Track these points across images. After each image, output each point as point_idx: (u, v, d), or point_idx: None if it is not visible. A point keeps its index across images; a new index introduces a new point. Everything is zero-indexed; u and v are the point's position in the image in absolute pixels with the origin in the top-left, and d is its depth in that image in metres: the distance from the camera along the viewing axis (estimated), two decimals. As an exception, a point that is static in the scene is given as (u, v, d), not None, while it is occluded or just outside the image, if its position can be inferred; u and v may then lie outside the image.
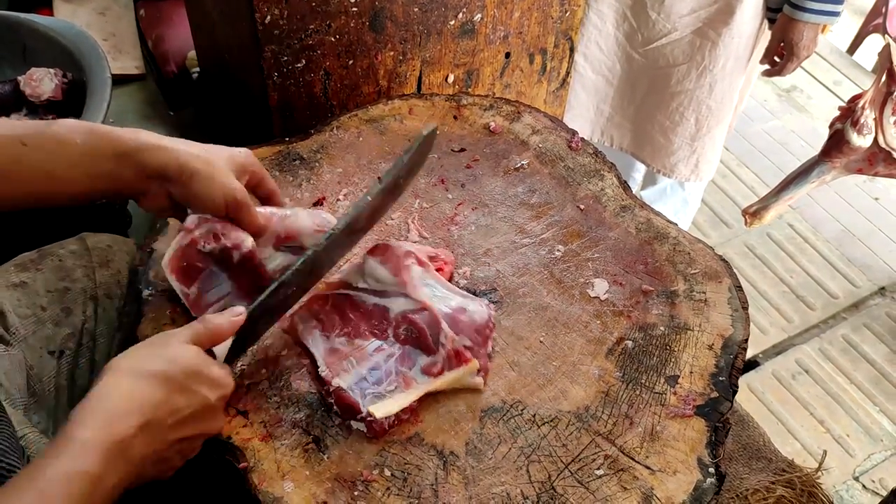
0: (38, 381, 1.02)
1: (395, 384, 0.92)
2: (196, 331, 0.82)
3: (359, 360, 0.94)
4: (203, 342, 0.82)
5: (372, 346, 0.95)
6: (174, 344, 0.79)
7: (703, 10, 1.77)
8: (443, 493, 0.86)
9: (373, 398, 0.90)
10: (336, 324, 0.98)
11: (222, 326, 0.83)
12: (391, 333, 0.96)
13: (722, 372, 0.97)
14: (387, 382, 0.92)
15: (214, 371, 0.80)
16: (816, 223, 2.64)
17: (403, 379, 0.92)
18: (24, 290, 1.04)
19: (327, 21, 1.29)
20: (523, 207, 1.18)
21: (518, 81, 1.59)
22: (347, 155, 1.23)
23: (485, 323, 0.98)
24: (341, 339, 0.96)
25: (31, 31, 1.63)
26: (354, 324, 0.97)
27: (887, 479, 1.97)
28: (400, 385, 0.92)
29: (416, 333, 0.95)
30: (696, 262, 1.10)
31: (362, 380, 0.92)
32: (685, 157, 2.01)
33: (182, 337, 0.80)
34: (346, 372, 0.92)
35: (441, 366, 0.93)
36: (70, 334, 1.06)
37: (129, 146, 0.86)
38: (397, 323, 0.96)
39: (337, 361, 0.93)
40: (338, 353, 0.94)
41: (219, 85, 1.75)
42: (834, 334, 2.32)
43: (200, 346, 0.81)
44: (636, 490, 0.86)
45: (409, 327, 0.95)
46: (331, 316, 0.98)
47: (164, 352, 0.78)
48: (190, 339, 0.80)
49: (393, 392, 0.91)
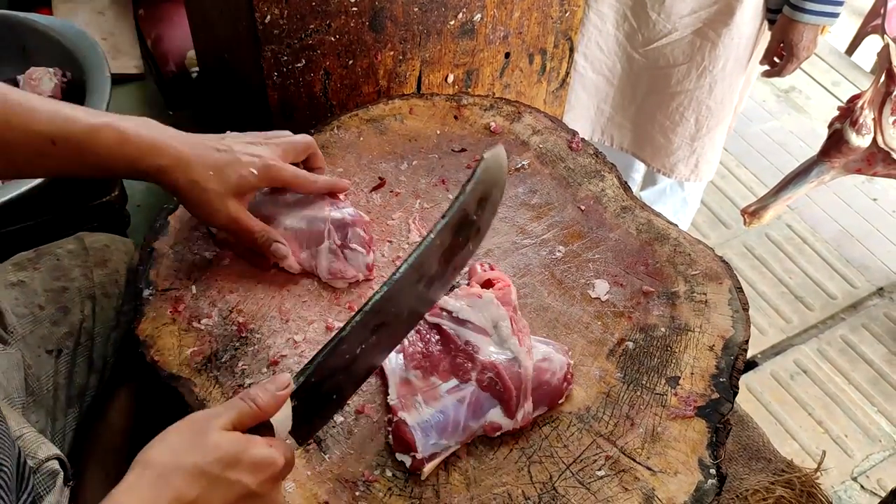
0: (36, 380, 1.01)
1: (455, 442, 0.88)
2: (238, 411, 0.72)
3: (428, 400, 0.89)
4: (246, 423, 0.73)
5: (445, 387, 0.91)
6: (212, 431, 0.70)
7: (703, 11, 1.77)
8: (444, 494, 0.86)
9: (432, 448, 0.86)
10: (418, 354, 0.94)
11: (267, 403, 0.74)
12: (474, 377, 0.91)
13: (723, 373, 0.97)
14: (450, 434, 0.87)
15: (256, 454, 0.71)
16: (815, 224, 2.65)
17: (467, 434, 0.89)
18: (21, 289, 1.04)
19: (327, 21, 1.29)
20: (524, 208, 1.18)
21: (518, 81, 1.59)
22: (348, 155, 1.22)
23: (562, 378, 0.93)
24: (417, 371, 0.92)
25: (31, 31, 1.63)
26: (436, 359, 0.93)
27: (885, 480, 1.97)
28: (458, 444, 0.89)
29: (500, 388, 0.90)
30: (697, 263, 1.10)
31: (426, 421, 0.88)
32: (685, 157, 2.01)
33: (221, 422, 0.71)
34: (413, 408, 0.89)
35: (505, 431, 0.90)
36: (68, 333, 1.06)
37: (146, 166, 0.91)
38: (484, 368, 0.91)
39: (408, 394, 0.90)
40: (410, 385, 0.91)
41: (218, 85, 1.74)
42: (832, 335, 2.33)
43: (243, 427, 0.72)
44: (637, 491, 0.86)
45: (495, 379, 0.90)
46: (415, 344, 0.94)
47: (199, 441, 0.70)
48: (230, 424, 0.71)
49: (450, 449, 0.88)
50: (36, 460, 0.84)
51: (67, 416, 1.06)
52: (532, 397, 0.90)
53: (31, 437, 0.88)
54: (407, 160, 1.23)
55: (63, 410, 1.05)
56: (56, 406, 1.04)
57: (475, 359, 0.91)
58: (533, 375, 0.90)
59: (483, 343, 0.93)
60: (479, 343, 0.93)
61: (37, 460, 0.84)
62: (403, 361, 0.93)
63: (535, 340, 0.95)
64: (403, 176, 1.21)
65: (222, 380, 0.94)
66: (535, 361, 0.92)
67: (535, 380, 0.91)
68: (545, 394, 0.91)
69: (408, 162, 1.23)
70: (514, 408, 0.89)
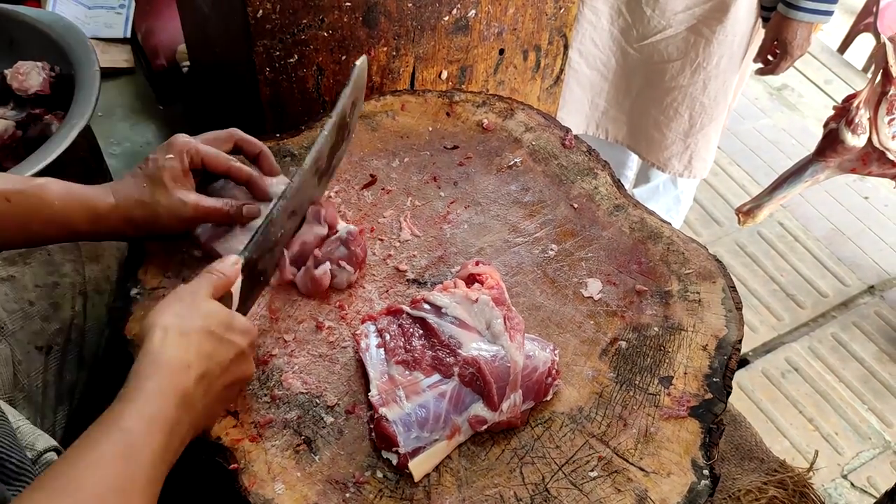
0: (26, 376, 1.01)
1: (439, 435, 0.87)
2: (212, 282, 0.85)
3: (409, 394, 0.89)
4: (219, 292, 0.85)
5: (427, 381, 0.91)
6: (201, 300, 0.83)
7: (697, 8, 1.77)
8: (435, 495, 0.85)
9: (414, 442, 0.86)
10: (399, 348, 0.94)
11: (230, 273, 0.87)
12: (456, 372, 0.90)
13: (716, 373, 0.97)
14: (431, 427, 0.87)
15: (239, 321, 0.85)
16: (807, 222, 2.65)
17: (450, 427, 0.88)
18: (11, 284, 1.03)
19: (320, 16, 1.28)
20: (516, 206, 1.17)
21: (512, 78, 1.58)
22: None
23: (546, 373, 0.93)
24: (399, 367, 0.92)
25: (19, 24, 1.61)
26: (419, 354, 0.93)
27: (875, 478, 1.98)
28: (442, 437, 0.87)
29: (480, 382, 0.89)
30: (690, 261, 1.09)
31: (408, 416, 0.87)
32: (678, 152, 2.01)
33: (206, 292, 0.84)
34: (395, 403, 0.89)
35: (491, 426, 0.90)
36: (58, 329, 1.05)
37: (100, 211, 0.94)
38: (466, 363, 0.90)
39: (390, 389, 0.90)
40: (392, 381, 0.91)
41: (209, 79, 1.73)
42: (823, 333, 2.33)
43: (217, 296, 0.85)
44: (630, 492, 0.86)
45: (477, 374, 0.90)
46: (397, 338, 0.95)
47: (197, 307, 0.82)
48: (211, 293, 0.84)
49: (435, 443, 0.87)
50: (35, 452, 0.83)
51: (58, 413, 1.05)
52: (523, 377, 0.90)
53: (28, 430, 0.88)
54: (398, 157, 1.22)
55: (52, 407, 1.04)
56: (45, 403, 1.03)
57: (457, 354, 0.91)
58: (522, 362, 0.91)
59: (466, 338, 0.93)
60: (463, 338, 0.93)
61: (35, 452, 0.84)
62: (385, 356, 0.93)
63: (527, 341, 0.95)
64: (395, 173, 1.20)
65: (212, 379, 0.93)
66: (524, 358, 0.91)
67: None
68: (529, 388, 0.91)
69: (399, 159, 1.22)
70: (497, 401, 0.88)
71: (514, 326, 0.94)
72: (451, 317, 0.95)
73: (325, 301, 1.03)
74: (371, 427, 0.89)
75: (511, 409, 0.89)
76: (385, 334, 0.95)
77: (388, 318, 0.97)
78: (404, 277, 1.06)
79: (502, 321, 0.93)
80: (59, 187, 0.93)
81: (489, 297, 0.95)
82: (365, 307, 1.02)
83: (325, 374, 0.95)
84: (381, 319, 0.97)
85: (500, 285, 0.99)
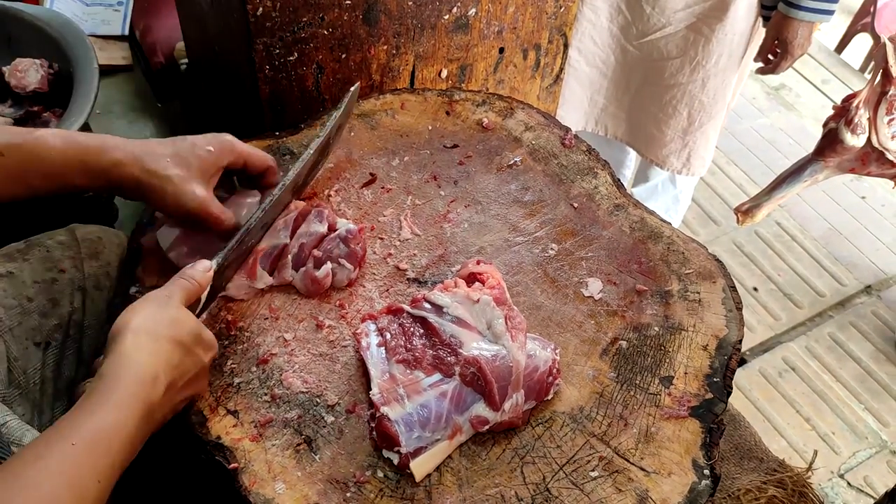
0: (23, 372, 1.00)
1: (441, 435, 0.87)
2: (186, 290, 0.85)
3: (410, 393, 0.89)
4: (190, 299, 0.86)
5: (428, 381, 0.90)
6: (174, 307, 0.83)
7: (697, 6, 1.77)
8: (436, 495, 0.85)
9: (416, 442, 0.86)
10: (400, 347, 0.93)
11: (201, 280, 0.88)
12: (457, 372, 0.90)
13: (716, 373, 0.97)
14: (433, 427, 0.87)
15: (207, 335, 0.85)
16: (804, 221, 2.66)
17: (451, 427, 0.88)
18: (10, 280, 1.03)
19: (320, 13, 1.28)
20: (516, 205, 1.17)
21: (511, 77, 1.58)
22: (338, 150, 1.21)
23: (547, 372, 0.92)
24: (400, 366, 0.92)
25: (17, 21, 1.60)
26: (420, 353, 0.92)
27: (872, 477, 1.99)
28: (444, 437, 0.87)
29: (482, 382, 0.89)
30: (691, 261, 1.09)
31: (409, 415, 0.87)
32: (677, 149, 2.02)
33: (178, 299, 0.84)
34: (396, 402, 0.88)
35: (493, 426, 0.89)
36: (57, 325, 1.05)
37: (101, 164, 0.91)
38: (467, 363, 0.90)
39: (391, 387, 0.90)
40: (393, 380, 0.91)
41: (208, 77, 1.72)
42: (820, 332, 2.33)
43: (188, 303, 0.85)
44: (631, 492, 0.86)
45: (478, 373, 0.89)
46: (397, 337, 0.94)
47: (169, 314, 0.82)
48: (183, 301, 0.84)
49: (436, 443, 0.87)
50: (20, 448, 0.83)
51: (55, 409, 1.05)
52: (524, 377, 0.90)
53: (16, 425, 0.87)
54: (398, 156, 1.22)
55: (50, 404, 1.04)
56: (43, 399, 1.03)
57: (458, 353, 0.91)
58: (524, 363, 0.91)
59: (467, 338, 0.92)
60: (464, 338, 0.93)
61: (21, 448, 0.83)
62: (386, 355, 0.93)
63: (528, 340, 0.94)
64: (395, 172, 1.20)
65: (211, 379, 0.92)
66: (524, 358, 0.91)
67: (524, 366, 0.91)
68: (530, 388, 0.91)
69: (399, 157, 1.21)
70: (498, 401, 0.88)
71: (516, 326, 0.94)
72: (451, 316, 0.95)
73: (325, 300, 1.02)
74: (372, 426, 0.89)
75: (513, 408, 0.89)
76: (386, 333, 0.95)
77: (388, 317, 0.97)
78: (404, 276, 1.06)
79: (503, 321, 0.93)
80: (57, 141, 0.90)
81: (490, 297, 0.95)
82: (365, 306, 1.02)
83: (326, 374, 0.95)
84: (382, 318, 0.97)
85: (501, 285, 0.99)
